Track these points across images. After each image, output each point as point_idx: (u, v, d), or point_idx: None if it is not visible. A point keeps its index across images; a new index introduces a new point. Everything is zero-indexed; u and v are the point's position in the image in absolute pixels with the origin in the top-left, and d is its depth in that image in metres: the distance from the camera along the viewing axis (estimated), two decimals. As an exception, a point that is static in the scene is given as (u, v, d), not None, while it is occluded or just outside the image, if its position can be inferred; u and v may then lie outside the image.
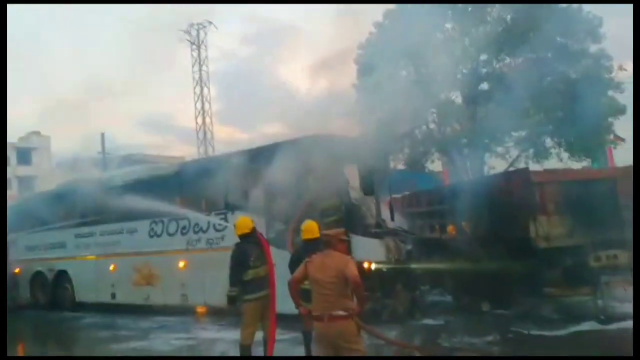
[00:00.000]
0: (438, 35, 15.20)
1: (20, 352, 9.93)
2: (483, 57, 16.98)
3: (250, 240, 6.60)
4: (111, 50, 73.98)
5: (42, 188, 20.97)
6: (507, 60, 16.98)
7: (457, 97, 17.47)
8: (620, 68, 15.39)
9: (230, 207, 9.77)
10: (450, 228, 9.81)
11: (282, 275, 6.58)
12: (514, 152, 17.66)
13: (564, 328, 7.20)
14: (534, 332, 7.25)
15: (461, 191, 9.16)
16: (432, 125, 18.02)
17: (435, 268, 8.95)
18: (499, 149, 17.74)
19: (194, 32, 30.32)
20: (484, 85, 17.12)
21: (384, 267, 8.42)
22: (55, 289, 13.10)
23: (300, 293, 4.82)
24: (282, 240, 8.46)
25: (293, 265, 6.83)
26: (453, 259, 8.79)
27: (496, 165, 17.68)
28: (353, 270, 4.39)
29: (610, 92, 15.45)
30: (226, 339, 8.13)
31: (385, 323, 7.78)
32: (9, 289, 13.59)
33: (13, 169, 38.61)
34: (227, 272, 6.68)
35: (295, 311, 7.37)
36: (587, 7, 15.43)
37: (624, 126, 15.21)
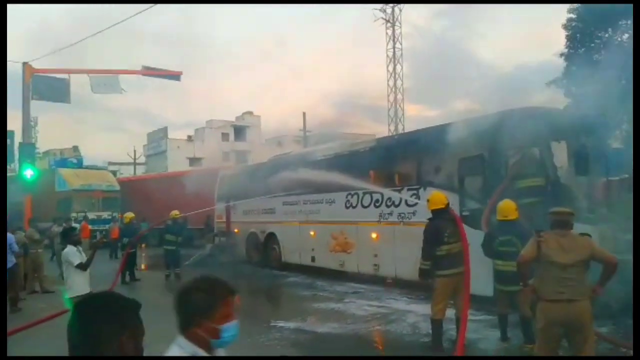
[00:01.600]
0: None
1: (236, 301, 11.58)
2: None
3: (444, 216, 6.58)
4: (309, 34, 79.40)
5: (254, 161, 23.83)
6: None
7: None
8: None
9: (423, 183, 9.78)
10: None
11: (474, 255, 6.41)
12: None
13: None
14: None
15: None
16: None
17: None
18: None
19: (389, 10, 30.56)
20: None
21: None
22: (265, 248, 14.70)
23: (527, 272, 4.60)
24: (476, 219, 8.15)
25: (485, 244, 6.61)
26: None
27: None
28: (603, 250, 4.30)
29: None
30: (417, 311, 8.24)
31: (594, 318, 6.98)
32: (230, 246, 16.02)
33: (232, 144, 44.95)
34: (417, 247, 6.78)
35: (487, 293, 7.20)
36: None
37: None
